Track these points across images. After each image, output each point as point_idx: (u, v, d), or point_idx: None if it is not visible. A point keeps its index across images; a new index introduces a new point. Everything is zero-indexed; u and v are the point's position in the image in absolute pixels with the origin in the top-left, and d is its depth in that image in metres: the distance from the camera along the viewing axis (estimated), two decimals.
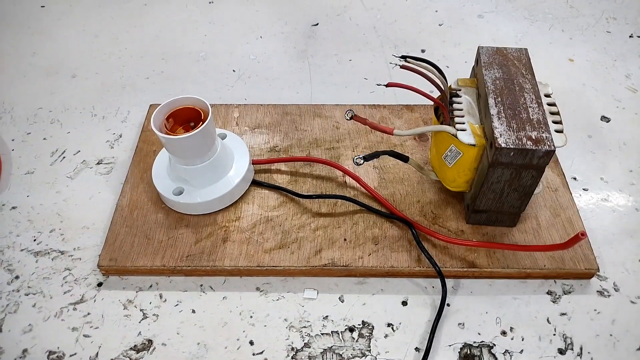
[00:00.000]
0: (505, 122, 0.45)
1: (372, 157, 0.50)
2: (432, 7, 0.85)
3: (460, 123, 0.48)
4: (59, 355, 0.47)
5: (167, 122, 0.52)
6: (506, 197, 0.49)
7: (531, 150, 0.43)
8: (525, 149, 0.43)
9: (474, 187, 0.51)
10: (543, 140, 0.44)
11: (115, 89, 0.72)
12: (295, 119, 0.65)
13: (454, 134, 0.48)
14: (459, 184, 0.52)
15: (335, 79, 0.73)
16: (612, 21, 0.82)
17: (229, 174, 0.56)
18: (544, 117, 0.46)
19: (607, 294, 0.51)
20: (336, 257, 0.52)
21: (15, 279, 0.53)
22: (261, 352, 0.48)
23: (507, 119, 0.46)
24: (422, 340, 0.48)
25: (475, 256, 0.52)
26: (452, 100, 0.51)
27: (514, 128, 0.45)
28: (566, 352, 0.47)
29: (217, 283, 0.52)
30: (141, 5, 0.86)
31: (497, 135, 0.44)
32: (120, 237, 0.53)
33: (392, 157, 0.52)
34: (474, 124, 0.48)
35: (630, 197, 0.59)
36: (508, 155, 0.44)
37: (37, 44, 0.79)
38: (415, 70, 0.48)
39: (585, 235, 0.40)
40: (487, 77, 0.50)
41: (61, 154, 0.64)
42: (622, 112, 0.68)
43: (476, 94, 0.52)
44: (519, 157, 0.44)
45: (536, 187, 0.48)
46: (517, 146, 0.43)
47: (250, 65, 0.76)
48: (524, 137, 0.44)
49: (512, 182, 0.47)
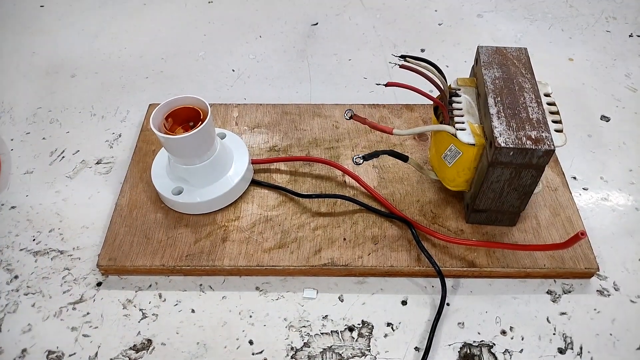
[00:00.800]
0: (504, 121, 0.45)
1: (371, 156, 0.50)
2: (432, 7, 0.85)
3: (459, 122, 0.48)
4: (58, 355, 0.47)
5: (167, 121, 0.52)
6: (506, 197, 0.49)
7: (531, 149, 0.43)
8: (524, 149, 0.43)
9: (473, 186, 0.51)
10: (543, 140, 0.44)
11: (115, 89, 0.72)
12: (294, 119, 0.65)
13: (454, 133, 0.48)
14: (459, 184, 0.52)
15: (335, 79, 0.73)
16: (611, 20, 0.82)
17: (228, 174, 0.56)
18: (543, 116, 0.46)
19: (607, 293, 0.51)
20: (336, 257, 0.52)
21: (14, 278, 0.52)
22: (261, 351, 0.48)
23: (506, 118, 0.46)
24: (421, 340, 0.48)
25: (475, 256, 0.52)
26: (451, 100, 0.51)
27: (514, 127, 0.45)
28: (566, 351, 0.47)
29: (217, 283, 0.52)
30: (141, 5, 0.86)
31: (497, 135, 0.44)
32: (120, 236, 0.53)
33: (391, 156, 0.52)
34: (474, 124, 0.48)
35: (630, 197, 0.59)
36: (508, 155, 0.44)
37: (36, 44, 0.79)
38: (414, 69, 0.48)
39: (585, 234, 0.40)
40: (486, 76, 0.50)
41: (60, 154, 0.64)
42: (621, 111, 0.68)
43: (476, 93, 0.52)
44: (518, 157, 0.44)
45: (536, 186, 0.48)
46: (516, 146, 0.43)
47: (249, 64, 0.76)
48: (523, 137, 0.44)
49: (511, 181, 0.47)
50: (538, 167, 0.45)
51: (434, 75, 0.49)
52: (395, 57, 0.49)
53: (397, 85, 0.48)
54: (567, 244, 0.43)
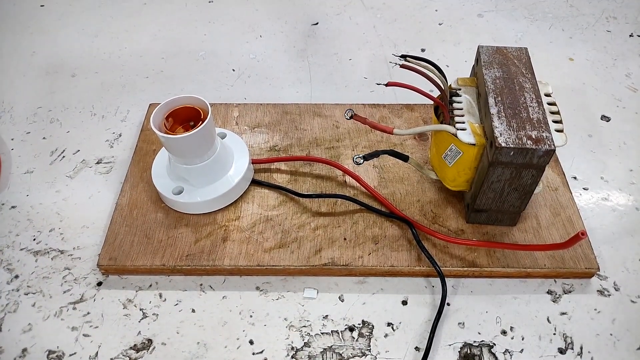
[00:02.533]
0: (505, 121, 0.45)
1: (371, 156, 0.50)
2: (432, 7, 0.85)
3: (460, 122, 0.48)
4: (59, 355, 0.47)
5: (167, 121, 0.52)
6: (506, 197, 0.49)
7: (531, 149, 0.43)
8: (525, 148, 0.43)
9: (474, 186, 0.51)
10: (543, 140, 0.44)
11: (115, 88, 0.72)
12: (295, 118, 0.65)
13: (454, 133, 0.48)
14: (459, 183, 0.52)
15: (335, 78, 0.73)
16: (612, 20, 0.82)
17: (228, 173, 0.56)
18: (544, 116, 0.46)
19: (607, 293, 0.51)
20: (336, 257, 0.52)
21: (14, 278, 0.52)
22: (261, 351, 0.48)
23: (507, 118, 0.46)
24: (422, 340, 0.48)
25: (476, 255, 0.52)
26: (452, 100, 0.51)
27: (514, 127, 0.45)
28: (566, 351, 0.47)
29: (217, 282, 0.52)
30: (141, 5, 0.86)
31: (497, 135, 0.44)
32: (120, 236, 0.53)
33: (391, 156, 0.52)
34: (474, 123, 0.48)
35: (631, 197, 0.59)
36: (508, 155, 0.44)
37: (36, 44, 0.79)
38: (415, 69, 0.48)
39: (586, 234, 0.40)
40: (487, 76, 0.50)
41: (61, 153, 0.64)
42: (622, 111, 0.68)
43: (476, 93, 0.52)
44: (519, 157, 0.44)
45: (536, 186, 0.48)
46: (517, 145, 0.44)
47: (250, 64, 0.76)
48: (524, 137, 0.44)
49: (512, 181, 0.47)
50: (538, 167, 0.45)
51: (434, 75, 0.49)
52: (395, 57, 0.49)
53: (398, 85, 0.48)
54: (567, 244, 0.43)
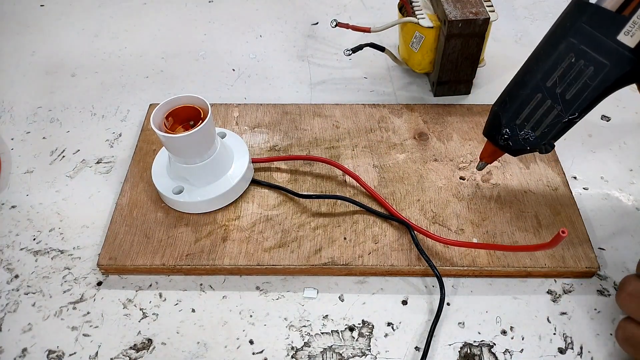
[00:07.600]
0: (452, 4, 0.61)
1: (357, 49, 0.67)
2: None
3: (420, 13, 0.63)
4: (59, 355, 0.47)
5: (167, 121, 0.52)
6: (460, 66, 0.64)
7: (474, 19, 0.59)
8: (469, 19, 0.59)
9: (436, 65, 0.66)
10: (481, 13, 0.60)
11: (115, 88, 0.72)
12: (295, 118, 0.65)
13: (417, 22, 0.62)
14: (424, 66, 0.67)
15: (335, 78, 0.73)
16: None
17: (228, 173, 0.56)
18: (480, 1, 0.62)
19: (607, 293, 0.51)
20: (336, 256, 0.52)
21: (14, 278, 0.52)
22: (261, 351, 0.48)
23: (454, 3, 0.61)
24: (422, 340, 0.48)
25: (476, 255, 0.52)
26: (411, 0, 0.66)
27: (459, 8, 0.60)
28: (566, 351, 0.47)
29: (217, 282, 0.52)
30: (141, 5, 0.86)
31: (448, 13, 0.59)
32: (120, 236, 0.53)
33: (371, 47, 0.68)
34: (431, 13, 0.64)
35: (631, 197, 0.59)
36: (457, 27, 0.59)
37: (36, 43, 0.79)
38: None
39: (567, 232, 0.40)
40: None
41: (61, 153, 0.64)
42: (622, 111, 0.68)
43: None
44: (465, 27, 0.59)
45: (480, 53, 0.64)
46: (463, 18, 0.59)
47: (250, 64, 0.76)
48: (467, 12, 0.59)
49: (463, 50, 0.62)
50: (480, 35, 0.61)
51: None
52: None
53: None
54: (551, 243, 0.43)
